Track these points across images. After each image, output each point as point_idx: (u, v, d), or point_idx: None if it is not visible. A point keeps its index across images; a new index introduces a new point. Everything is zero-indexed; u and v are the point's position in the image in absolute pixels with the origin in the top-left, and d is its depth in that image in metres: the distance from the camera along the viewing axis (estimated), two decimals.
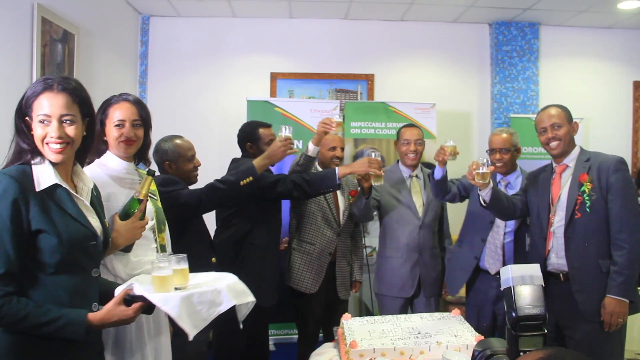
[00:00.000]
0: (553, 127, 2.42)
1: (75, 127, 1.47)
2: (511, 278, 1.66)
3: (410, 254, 2.96)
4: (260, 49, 4.81)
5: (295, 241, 3.01)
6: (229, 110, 4.58)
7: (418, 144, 3.04)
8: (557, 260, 2.40)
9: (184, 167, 2.54)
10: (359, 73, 4.85)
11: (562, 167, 2.47)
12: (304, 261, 2.96)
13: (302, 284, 2.94)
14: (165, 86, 4.73)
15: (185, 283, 1.53)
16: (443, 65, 4.92)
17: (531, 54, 4.79)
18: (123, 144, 1.85)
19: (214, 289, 1.49)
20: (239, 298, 1.57)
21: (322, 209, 3.00)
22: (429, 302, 3.00)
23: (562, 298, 2.35)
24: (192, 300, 1.44)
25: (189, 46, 4.77)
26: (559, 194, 2.43)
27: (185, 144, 2.56)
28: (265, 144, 2.87)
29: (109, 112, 1.86)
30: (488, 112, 4.90)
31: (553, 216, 2.43)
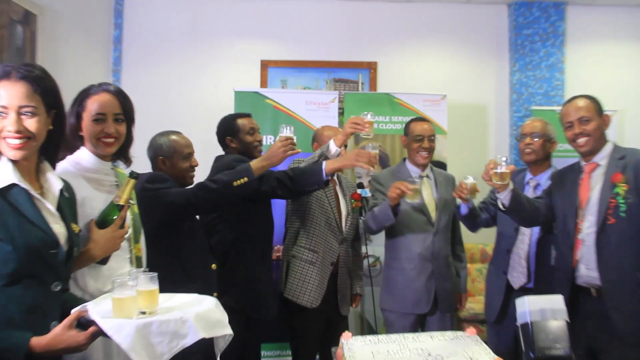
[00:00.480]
0: (580, 121, 2.40)
1: (36, 120, 1.45)
2: (528, 312, 1.59)
3: (424, 265, 2.95)
4: (249, 33, 4.81)
5: (296, 248, 2.99)
6: (214, 103, 4.56)
7: (431, 140, 3.03)
8: (587, 273, 2.36)
9: (179, 164, 2.56)
10: (360, 61, 4.85)
11: (591, 165, 2.44)
12: (306, 271, 2.94)
13: (303, 297, 2.91)
14: (141, 75, 4.71)
15: (154, 307, 1.46)
16: (455, 51, 4.91)
17: (556, 37, 4.78)
18: (102, 143, 1.82)
19: (179, 318, 1.42)
20: (211, 330, 1.48)
21: (326, 213, 3.00)
22: (444, 319, 2.97)
23: (595, 317, 2.31)
24: (149, 330, 1.37)
25: (168, 30, 4.76)
26: (588, 196, 2.40)
27: (182, 140, 2.60)
28: (247, 134, 2.92)
29: (86, 104, 1.83)
30: (506, 104, 4.90)
31: (581, 222, 2.39)
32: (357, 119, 2.68)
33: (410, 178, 2.99)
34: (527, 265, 2.78)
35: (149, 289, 1.45)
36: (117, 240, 1.74)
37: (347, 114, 4.34)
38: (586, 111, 2.40)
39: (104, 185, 1.85)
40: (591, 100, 2.44)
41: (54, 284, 1.49)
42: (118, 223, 1.73)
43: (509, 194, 2.46)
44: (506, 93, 4.90)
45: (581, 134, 2.40)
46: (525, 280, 2.78)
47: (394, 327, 2.97)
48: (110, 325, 1.36)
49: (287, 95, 4.33)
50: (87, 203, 1.76)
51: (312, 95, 4.35)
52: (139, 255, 1.94)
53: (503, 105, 4.92)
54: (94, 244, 1.68)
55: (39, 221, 1.46)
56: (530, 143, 2.85)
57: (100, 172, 1.85)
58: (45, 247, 1.45)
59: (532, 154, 2.86)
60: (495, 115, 4.93)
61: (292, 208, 3.08)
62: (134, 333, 1.35)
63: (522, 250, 2.81)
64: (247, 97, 4.20)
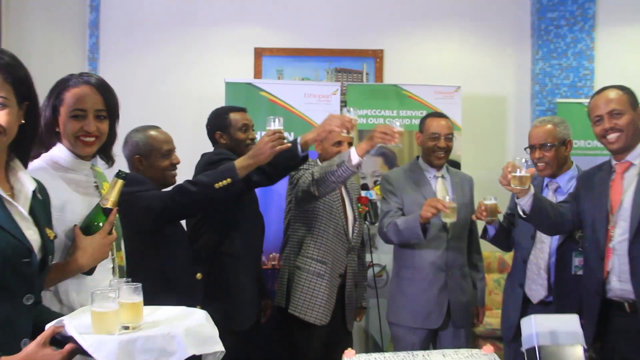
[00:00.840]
0: (611, 114, 2.36)
1: (7, 112, 1.43)
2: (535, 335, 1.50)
3: (437, 275, 2.95)
4: (241, 18, 4.79)
5: (301, 259, 2.99)
6: (203, 96, 4.55)
7: (448, 139, 3.03)
8: (619, 286, 2.31)
9: (158, 163, 2.55)
10: (365, 49, 4.83)
11: (624, 165, 2.41)
12: (314, 284, 2.94)
13: (311, 313, 2.91)
14: (122, 64, 4.69)
15: (137, 321, 1.46)
16: (470, 37, 4.89)
17: (585, 21, 4.73)
18: (81, 142, 1.81)
19: (167, 333, 1.41)
20: (202, 346, 1.47)
21: (335, 220, 3.01)
22: (458, 335, 2.98)
23: (629, 335, 2.27)
24: (134, 347, 1.36)
25: (152, 13, 4.74)
26: (621, 199, 2.36)
27: (160, 135, 2.59)
28: (238, 130, 2.94)
29: (65, 97, 1.80)
30: (527, 96, 4.86)
31: (613, 228, 2.35)
32: (385, 127, 2.62)
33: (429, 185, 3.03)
34: (548, 276, 2.76)
35: (132, 301, 1.45)
36: (106, 248, 1.75)
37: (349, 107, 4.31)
38: (617, 103, 2.36)
39: (83, 187, 1.84)
40: (624, 92, 2.40)
41: (26, 297, 1.47)
42: (107, 229, 1.74)
43: (529, 199, 2.44)
44: (527, 84, 4.87)
45: (612, 130, 2.36)
46: (545, 294, 2.76)
47: (402, 342, 2.98)
48: (90, 342, 1.34)
49: (284, 87, 4.32)
50: (68, 207, 1.75)
51: (312, 87, 4.35)
52: (121, 264, 1.95)
53: (524, 98, 4.88)
54: (82, 252, 1.68)
55: (10, 227, 1.43)
56: (541, 156, 2.79)
57: (79, 172, 1.84)
58: (17, 256, 1.43)
59: (547, 168, 2.80)
60: (515, 109, 4.91)
61: (296, 214, 3.08)
62: (117, 350, 1.33)
63: (542, 260, 2.78)
64: (240, 89, 4.20)
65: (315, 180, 2.74)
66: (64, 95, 1.81)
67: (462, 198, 3.04)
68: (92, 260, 1.71)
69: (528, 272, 2.81)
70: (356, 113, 2.64)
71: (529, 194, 2.44)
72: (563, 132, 2.80)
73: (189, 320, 1.52)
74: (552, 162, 2.78)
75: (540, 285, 2.76)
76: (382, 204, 3.15)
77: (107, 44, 4.71)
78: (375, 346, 4.04)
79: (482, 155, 4.60)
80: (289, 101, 4.22)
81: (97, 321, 1.40)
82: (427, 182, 3.06)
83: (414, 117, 4.30)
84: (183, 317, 1.54)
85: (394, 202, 3.03)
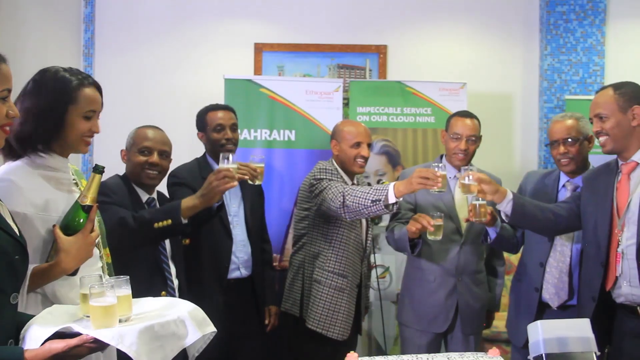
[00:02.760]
0: (598, 118, 2.39)
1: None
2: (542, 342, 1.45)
3: (446, 279, 2.96)
4: (241, 12, 4.79)
5: (320, 272, 2.99)
6: (201, 93, 4.48)
7: (471, 141, 3.00)
8: (630, 291, 2.29)
9: (133, 158, 2.60)
10: (368, 44, 4.83)
11: (630, 165, 2.38)
12: (336, 299, 2.96)
13: (333, 329, 2.94)
14: (117, 60, 4.69)
15: (130, 313, 1.56)
16: (476, 32, 4.88)
17: (596, 15, 4.71)
18: (84, 142, 1.87)
19: (177, 318, 1.53)
20: (202, 328, 1.59)
21: (355, 230, 3.03)
22: (467, 341, 2.98)
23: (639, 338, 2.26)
24: (152, 334, 1.45)
25: (149, 8, 4.74)
26: (628, 201, 2.34)
27: (147, 133, 2.63)
28: (213, 131, 2.98)
29: (77, 96, 1.81)
30: (535, 93, 4.85)
31: (620, 232, 2.33)
32: (427, 172, 2.53)
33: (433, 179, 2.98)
34: (569, 280, 2.73)
35: (124, 293, 1.55)
36: (90, 247, 1.73)
37: (352, 104, 4.32)
38: (602, 107, 2.37)
39: (65, 185, 1.85)
40: (615, 92, 2.37)
41: (13, 296, 1.49)
42: (89, 227, 1.72)
43: (508, 203, 2.50)
44: (535, 80, 4.86)
45: (599, 133, 2.39)
46: (566, 297, 2.74)
47: (409, 344, 3.02)
48: (111, 335, 1.42)
49: (285, 83, 4.30)
50: (52, 207, 1.75)
51: (313, 84, 4.33)
52: (108, 261, 1.97)
53: (532, 95, 4.87)
54: (65, 254, 1.66)
55: (4, 224, 1.46)
56: (566, 152, 2.76)
57: (60, 170, 1.85)
58: (12, 253, 1.46)
59: (571, 163, 2.77)
60: (522, 106, 4.90)
61: (316, 223, 3.03)
62: (137, 340, 1.43)
63: (563, 264, 2.76)
64: (239, 86, 4.17)
65: (346, 206, 2.70)
66: (76, 94, 1.82)
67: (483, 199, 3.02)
68: (77, 262, 1.71)
69: (547, 275, 2.78)
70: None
71: (507, 198, 2.49)
72: (586, 127, 2.78)
73: (185, 305, 1.63)
74: (576, 157, 2.76)
75: (561, 289, 2.74)
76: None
77: (103, 39, 4.71)
78: (379, 349, 4.05)
79: (489, 153, 4.57)
80: (290, 98, 4.20)
81: (100, 316, 1.46)
82: (447, 182, 3.02)
83: (419, 114, 4.30)
84: (176, 304, 1.65)
85: (405, 202, 3.02)
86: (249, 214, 3.08)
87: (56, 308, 1.60)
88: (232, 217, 3.02)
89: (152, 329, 1.46)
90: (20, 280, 1.53)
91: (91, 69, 4.63)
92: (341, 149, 3.03)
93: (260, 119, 4.13)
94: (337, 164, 3.05)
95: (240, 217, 3.07)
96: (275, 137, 4.15)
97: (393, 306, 4.12)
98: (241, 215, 3.07)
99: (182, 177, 2.91)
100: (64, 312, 1.59)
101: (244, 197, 3.09)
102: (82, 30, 4.66)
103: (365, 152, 3.01)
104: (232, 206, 3.02)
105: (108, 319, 1.46)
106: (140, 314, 1.60)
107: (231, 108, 3.14)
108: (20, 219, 1.66)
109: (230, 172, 2.41)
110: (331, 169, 2.96)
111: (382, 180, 3.78)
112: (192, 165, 3.05)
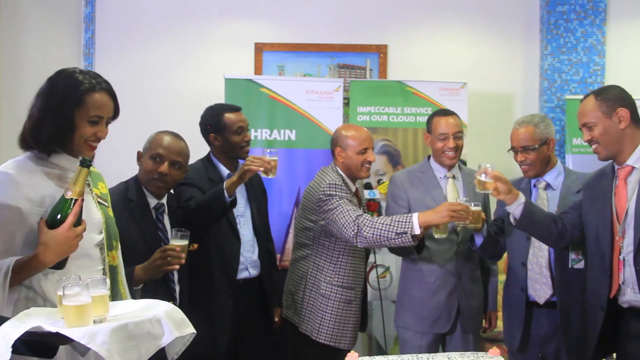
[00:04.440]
0: (586, 127, 2.38)
1: None
2: None
3: (446, 279, 2.95)
4: (241, 12, 4.79)
5: (327, 287, 2.96)
6: (201, 92, 4.51)
7: (457, 137, 3.00)
8: (635, 297, 2.26)
9: (144, 162, 2.59)
10: (368, 44, 4.84)
11: (626, 169, 2.34)
12: (345, 312, 2.96)
13: (343, 341, 2.95)
14: (118, 59, 4.70)
15: (106, 313, 1.53)
16: (477, 32, 4.89)
17: (596, 15, 4.71)
18: (89, 146, 1.84)
19: (152, 317, 1.50)
20: (180, 329, 1.57)
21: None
22: (466, 339, 2.97)
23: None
24: (125, 333, 1.42)
25: (149, 7, 4.74)
26: (627, 207, 2.29)
27: (162, 137, 2.58)
28: (234, 133, 2.97)
29: (85, 100, 1.80)
30: (536, 92, 4.86)
31: (621, 239, 2.29)
32: (460, 207, 2.61)
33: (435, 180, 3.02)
34: (550, 273, 2.74)
35: (100, 293, 1.52)
36: (71, 241, 1.69)
37: (353, 104, 4.32)
38: (587, 116, 2.35)
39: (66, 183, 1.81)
40: (596, 98, 2.36)
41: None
42: (71, 220, 1.68)
43: (519, 206, 2.48)
44: (536, 80, 4.87)
45: (590, 142, 2.37)
46: (550, 292, 2.74)
47: (408, 346, 2.98)
48: (82, 333, 1.38)
49: (285, 83, 4.30)
50: (48, 202, 1.74)
51: (314, 84, 4.32)
52: (113, 264, 1.93)
53: (532, 95, 4.88)
54: (43, 247, 1.64)
55: None
56: (524, 159, 2.78)
57: (66, 169, 1.84)
58: None
59: (531, 169, 2.80)
60: (522, 106, 4.89)
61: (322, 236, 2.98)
62: (109, 338, 1.39)
63: (542, 258, 2.76)
64: (240, 86, 4.18)
65: (364, 237, 2.71)
66: (85, 97, 1.80)
67: (474, 199, 2.97)
68: (56, 256, 1.67)
69: (530, 272, 2.78)
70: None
71: (518, 201, 2.47)
72: (544, 131, 2.77)
73: (160, 307, 1.60)
74: (535, 163, 2.77)
75: (544, 284, 2.74)
76: (386, 207, 3.14)
77: (103, 38, 4.70)
78: (379, 349, 4.05)
79: (489, 154, 4.51)
80: (291, 98, 4.20)
81: (73, 316, 1.44)
82: (437, 184, 3.03)
83: (419, 114, 4.30)
84: (152, 307, 1.62)
85: (398, 206, 3.02)
86: (256, 214, 3.08)
87: (34, 310, 1.58)
88: (239, 217, 3.01)
89: (126, 328, 1.43)
90: None
91: (91, 68, 4.61)
92: (347, 156, 2.99)
93: (260, 118, 4.13)
94: (342, 170, 3.02)
95: (247, 218, 3.06)
96: (275, 136, 4.15)
97: (393, 306, 4.12)
98: (248, 215, 3.07)
99: (189, 177, 2.90)
100: (40, 313, 1.57)
101: (250, 197, 3.09)
102: (82, 30, 4.67)
103: (372, 157, 3.00)
104: (238, 206, 3.00)
105: (81, 319, 1.43)
106: (117, 315, 1.57)
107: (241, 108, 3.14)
108: (14, 213, 1.67)
109: (177, 251, 2.36)
110: (340, 184, 2.92)
111: (383, 180, 3.78)
112: (197, 165, 3.04)
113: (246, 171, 2.68)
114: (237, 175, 2.70)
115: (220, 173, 3.03)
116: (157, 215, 2.58)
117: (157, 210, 2.59)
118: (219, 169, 3.04)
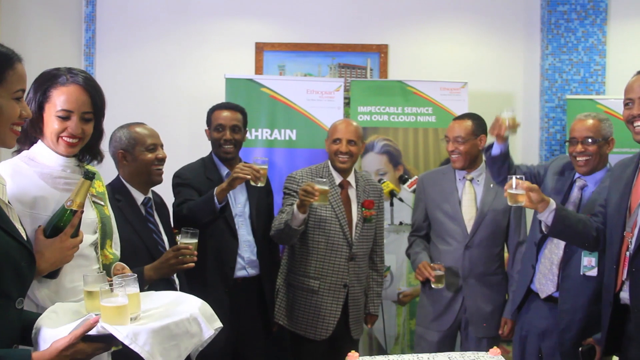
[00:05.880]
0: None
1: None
2: None
3: (452, 279, 3.00)
4: (242, 11, 4.79)
5: (293, 277, 3.07)
6: (202, 92, 4.56)
7: (458, 141, 3.04)
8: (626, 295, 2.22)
9: (141, 157, 2.54)
10: (369, 43, 4.83)
11: None
12: (309, 301, 3.01)
13: (312, 330, 3.00)
14: (118, 59, 4.70)
15: (138, 310, 1.56)
16: (477, 32, 4.88)
17: (597, 14, 4.70)
18: (64, 142, 1.80)
19: (189, 316, 1.53)
20: (211, 324, 1.60)
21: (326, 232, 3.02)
22: (480, 343, 2.97)
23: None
24: (168, 333, 1.46)
25: (150, 7, 4.74)
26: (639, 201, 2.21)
27: (145, 130, 2.61)
28: (214, 130, 3.08)
29: (52, 95, 1.79)
30: (536, 92, 4.85)
31: (630, 234, 2.21)
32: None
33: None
34: (559, 272, 2.73)
35: (133, 292, 1.55)
36: (67, 252, 1.70)
37: (353, 104, 4.33)
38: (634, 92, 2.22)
39: (65, 184, 1.82)
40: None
41: (18, 300, 1.49)
42: (69, 231, 1.69)
43: (552, 213, 2.41)
44: (536, 80, 4.86)
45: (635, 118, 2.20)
46: (553, 289, 2.75)
47: (420, 340, 3.13)
48: (126, 333, 1.41)
49: (286, 82, 4.32)
50: (41, 204, 1.74)
51: (314, 83, 4.34)
52: (106, 262, 1.94)
53: (533, 94, 4.87)
54: (39, 255, 1.62)
55: (11, 229, 1.46)
56: (583, 150, 2.68)
57: (63, 170, 1.82)
58: (20, 259, 1.46)
59: (587, 164, 2.70)
60: (523, 106, 4.88)
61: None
62: (151, 340, 1.42)
63: (555, 256, 2.75)
64: (240, 85, 4.18)
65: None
66: (51, 92, 1.79)
67: (494, 204, 3.01)
68: (49, 265, 1.66)
69: (540, 266, 2.79)
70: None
71: (549, 208, 2.41)
72: (607, 129, 2.72)
73: (192, 304, 1.63)
74: (593, 158, 2.69)
75: (550, 280, 2.74)
76: (412, 210, 3.34)
77: (104, 38, 4.70)
78: (380, 349, 4.05)
79: None
80: (291, 97, 4.22)
81: (112, 316, 1.46)
82: (455, 188, 3.09)
83: (419, 114, 4.31)
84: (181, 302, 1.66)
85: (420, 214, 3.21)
86: (254, 214, 3.09)
87: (59, 306, 1.60)
88: (237, 217, 3.03)
89: (168, 329, 1.46)
90: (27, 286, 1.53)
91: (92, 68, 4.64)
92: (326, 145, 3.15)
93: (261, 118, 4.14)
94: (330, 160, 3.14)
95: (245, 217, 3.08)
96: (276, 136, 4.16)
97: (394, 306, 4.13)
98: (246, 215, 3.09)
99: (186, 177, 2.94)
100: (67, 309, 1.59)
101: (250, 197, 3.10)
102: (83, 30, 4.66)
103: (342, 148, 3.02)
104: (237, 206, 3.03)
105: (120, 319, 1.46)
106: (147, 310, 1.59)
107: (240, 109, 3.15)
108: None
109: (190, 249, 2.40)
110: (295, 176, 3.09)
111: (383, 179, 3.78)
112: (196, 165, 3.07)
113: (235, 179, 2.74)
114: (226, 183, 2.77)
115: (220, 173, 3.04)
116: (146, 210, 2.59)
117: (145, 206, 2.60)
118: (218, 169, 3.05)
